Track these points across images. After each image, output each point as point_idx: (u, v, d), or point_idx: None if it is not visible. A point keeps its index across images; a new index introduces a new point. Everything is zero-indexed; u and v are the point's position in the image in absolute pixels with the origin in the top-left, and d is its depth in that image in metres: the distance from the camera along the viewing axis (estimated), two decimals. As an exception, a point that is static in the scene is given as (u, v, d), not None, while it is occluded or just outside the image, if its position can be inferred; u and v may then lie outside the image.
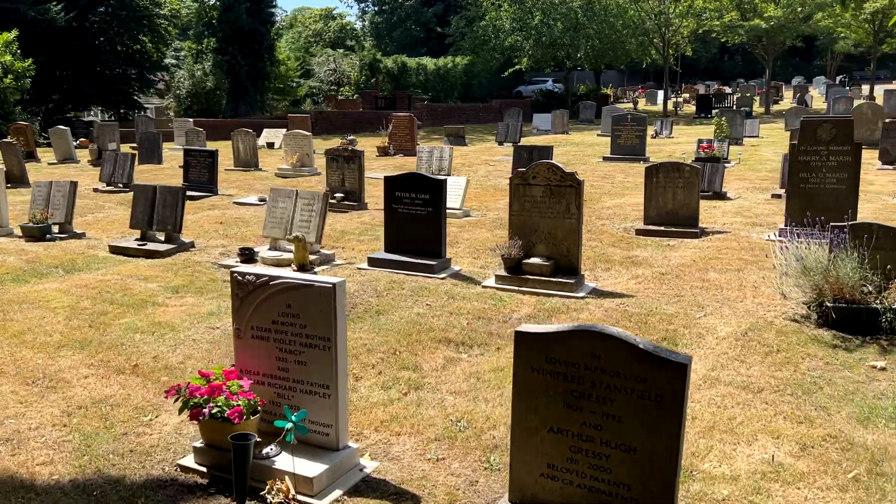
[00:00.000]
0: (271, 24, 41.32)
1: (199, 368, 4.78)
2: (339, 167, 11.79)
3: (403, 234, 7.51)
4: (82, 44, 38.00)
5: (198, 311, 6.17)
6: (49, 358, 5.15)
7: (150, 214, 8.76)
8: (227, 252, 8.43)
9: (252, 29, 38.74)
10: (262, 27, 39.65)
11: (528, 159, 13.80)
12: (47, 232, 9.29)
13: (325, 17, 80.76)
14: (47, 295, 6.66)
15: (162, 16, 44.14)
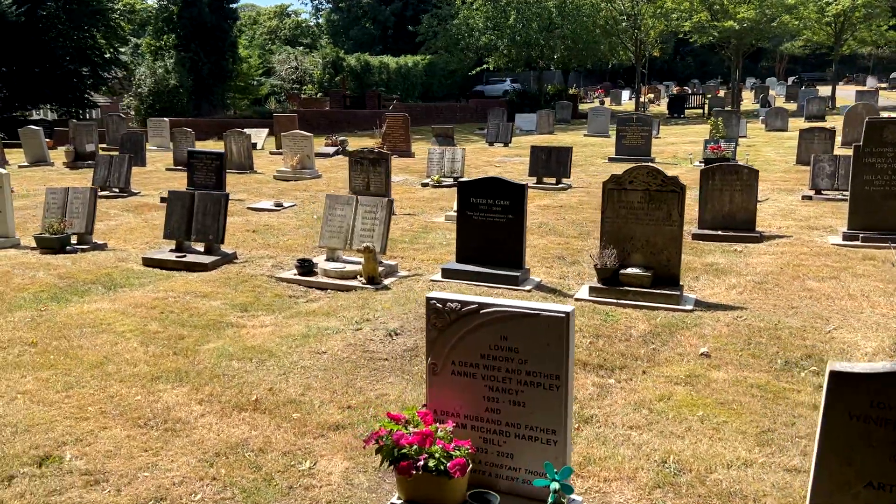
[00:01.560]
0: (234, 21, 40.09)
1: (324, 400, 4.30)
2: (364, 170, 11.22)
3: (479, 244, 7.05)
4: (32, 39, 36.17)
5: (286, 332, 5.60)
6: (148, 393, 4.53)
7: (188, 223, 8.08)
8: (280, 264, 7.82)
9: (214, 25, 37.50)
10: (224, 23, 38.42)
11: (546, 160, 13.52)
12: (66, 243, 8.50)
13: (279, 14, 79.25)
14: (104, 317, 5.98)
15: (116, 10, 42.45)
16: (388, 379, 4.74)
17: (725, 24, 31.54)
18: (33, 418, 4.18)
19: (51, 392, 4.55)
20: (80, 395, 4.51)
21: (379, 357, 5.05)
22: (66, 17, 39.27)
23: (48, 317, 6.01)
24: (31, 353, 5.21)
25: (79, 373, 4.84)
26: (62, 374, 4.83)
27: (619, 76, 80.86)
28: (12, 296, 6.59)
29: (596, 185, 13.38)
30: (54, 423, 4.12)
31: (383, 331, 5.46)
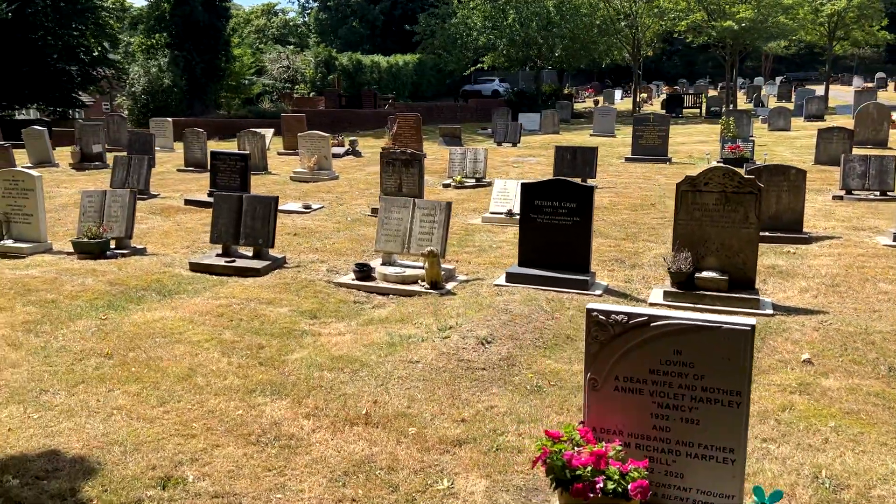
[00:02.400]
0: (227, 19, 39.62)
1: (434, 413, 4.17)
2: (396, 171, 11.03)
3: (543, 247, 6.90)
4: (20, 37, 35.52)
5: (368, 341, 5.42)
6: (249, 407, 4.34)
7: (236, 227, 7.86)
8: (334, 268, 7.63)
9: (208, 24, 37.06)
10: (217, 21, 37.99)
11: (571, 160, 13.41)
12: (106, 248, 8.24)
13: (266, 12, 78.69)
14: (172, 325, 5.77)
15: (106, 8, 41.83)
16: (490, 390, 4.59)
17: (724, 24, 31.62)
18: (138, 436, 3.98)
19: (146, 407, 4.34)
20: (178, 409, 4.31)
21: (476, 367, 4.89)
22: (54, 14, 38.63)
23: (113, 326, 5.79)
24: (110, 364, 4.99)
25: (168, 386, 4.64)
26: (151, 387, 4.62)
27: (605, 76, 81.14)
28: (67, 304, 6.35)
29: (623, 185, 13.31)
30: (162, 441, 3.92)
31: (473, 339, 5.30)
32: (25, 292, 6.59)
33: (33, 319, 5.93)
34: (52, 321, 5.90)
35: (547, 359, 5.05)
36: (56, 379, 4.77)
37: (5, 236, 8.79)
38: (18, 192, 8.78)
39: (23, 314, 6.03)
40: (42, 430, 4.07)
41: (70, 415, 4.25)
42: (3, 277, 7.05)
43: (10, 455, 3.77)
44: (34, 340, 5.48)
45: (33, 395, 4.53)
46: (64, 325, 5.83)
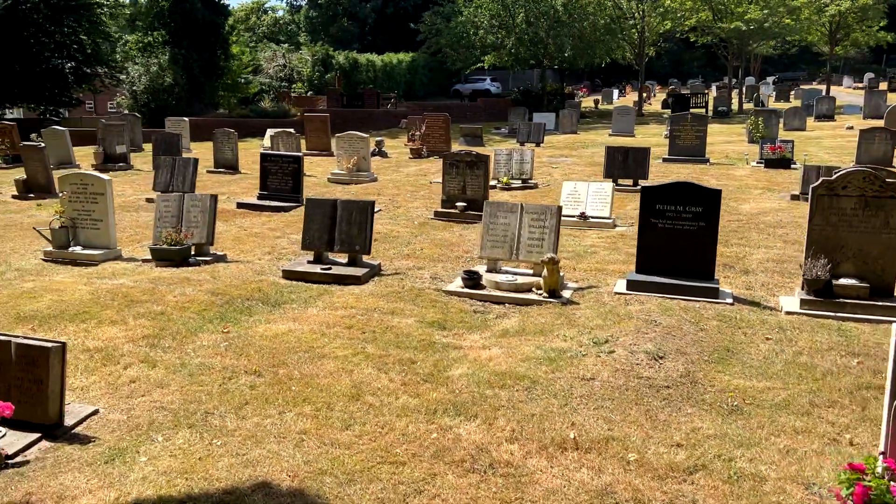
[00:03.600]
0: (226, 16, 39.03)
1: (643, 437, 3.92)
2: (460, 173, 10.77)
3: (666, 253, 6.68)
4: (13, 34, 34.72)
5: (522, 355, 5.15)
6: (441, 430, 4.07)
7: (330, 233, 7.55)
8: (436, 275, 7.35)
9: (207, 21, 36.50)
10: (217, 18, 37.43)
11: (623, 161, 13.22)
12: (187, 255, 7.89)
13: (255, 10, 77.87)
14: (303, 338, 5.46)
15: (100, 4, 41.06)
16: (685, 409, 4.35)
17: (731, 25, 31.66)
18: (343, 464, 3.70)
19: (332, 430, 4.05)
20: (368, 433, 4.03)
21: (658, 384, 4.65)
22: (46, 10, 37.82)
23: (242, 340, 5.47)
24: (265, 383, 4.69)
25: (341, 406, 4.35)
26: (324, 408, 4.33)
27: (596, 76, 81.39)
28: (178, 315, 6.02)
29: (675, 187, 13.10)
30: (373, 470, 3.64)
31: (642, 354, 5.06)
32: (129, 304, 6.24)
33: (152, 333, 5.60)
34: (173, 335, 5.58)
35: (723, 374, 4.83)
36: (215, 400, 4.46)
37: (72, 243, 8.42)
38: (87, 196, 8.40)
39: (138, 328, 5.70)
40: (236, 458, 3.77)
41: (256, 441, 3.95)
42: (99, 288, 6.68)
43: (222, 489, 3.47)
44: (166, 357, 5.16)
45: (200, 419, 4.23)
46: (187, 339, 5.51)
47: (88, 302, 6.25)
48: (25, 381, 4.19)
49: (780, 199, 11.73)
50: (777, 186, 12.89)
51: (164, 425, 4.17)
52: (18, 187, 13.02)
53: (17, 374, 4.20)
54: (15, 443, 4.02)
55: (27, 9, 36.20)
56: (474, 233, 9.49)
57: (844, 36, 38.29)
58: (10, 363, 4.21)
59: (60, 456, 3.88)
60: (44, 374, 4.15)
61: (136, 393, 4.60)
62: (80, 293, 6.49)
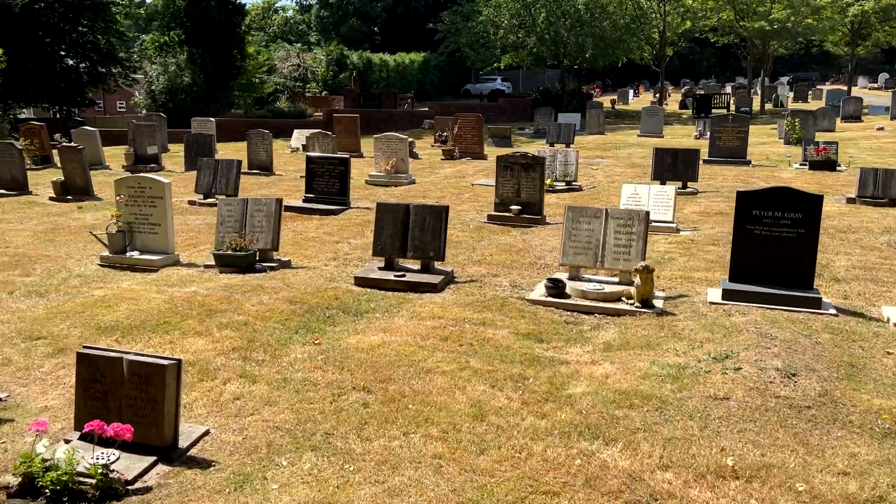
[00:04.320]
0: (242, 17, 38.82)
1: (802, 464, 3.69)
2: (515, 175, 10.51)
3: (762, 261, 6.41)
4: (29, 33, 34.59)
5: (640, 371, 4.89)
6: (583, 455, 3.80)
7: (403, 239, 7.30)
8: (515, 283, 7.09)
9: (223, 21, 36.32)
10: (233, 18, 37.24)
11: (672, 162, 12.96)
12: (253, 261, 7.65)
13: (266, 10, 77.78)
14: (402, 351, 5.21)
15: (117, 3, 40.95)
16: (834, 433, 4.08)
17: (755, 24, 31.36)
18: (493, 494, 3.44)
19: (467, 455, 3.80)
20: (506, 458, 3.77)
21: (799, 405, 4.38)
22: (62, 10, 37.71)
23: (337, 353, 5.22)
24: (377, 401, 4.44)
25: (468, 427, 4.09)
26: (450, 429, 4.08)
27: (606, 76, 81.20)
28: (261, 326, 5.77)
29: (727, 189, 12.84)
30: (527, 501, 3.38)
31: (772, 371, 4.79)
32: (209, 313, 5.99)
33: (241, 345, 5.35)
34: (264, 347, 5.33)
35: (859, 392, 4.56)
36: (331, 419, 4.21)
37: (128, 248, 8.18)
38: (145, 200, 8.16)
39: (225, 339, 5.45)
40: (377, 486, 3.51)
41: (391, 467, 3.69)
42: (174, 297, 6.43)
43: (376, 523, 3.22)
44: (263, 371, 4.91)
45: (321, 440, 3.97)
46: (279, 351, 5.26)
47: (166, 311, 6.01)
48: (139, 401, 3.94)
49: (837, 203, 11.45)
50: (829, 189, 12.61)
51: (284, 448, 3.92)
52: (56, 189, 12.80)
53: (129, 393, 3.96)
54: (131, 467, 3.77)
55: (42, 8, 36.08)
56: (537, 237, 9.25)
57: (866, 36, 37.93)
58: (122, 381, 3.97)
59: (184, 482, 3.63)
60: (159, 393, 3.90)
61: (244, 411, 4.35)
62: (155, 302, 6.25)
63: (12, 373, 4.93)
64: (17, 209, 11.57)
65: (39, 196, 12.95)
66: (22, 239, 9.16)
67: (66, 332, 5.54)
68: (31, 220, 10.51)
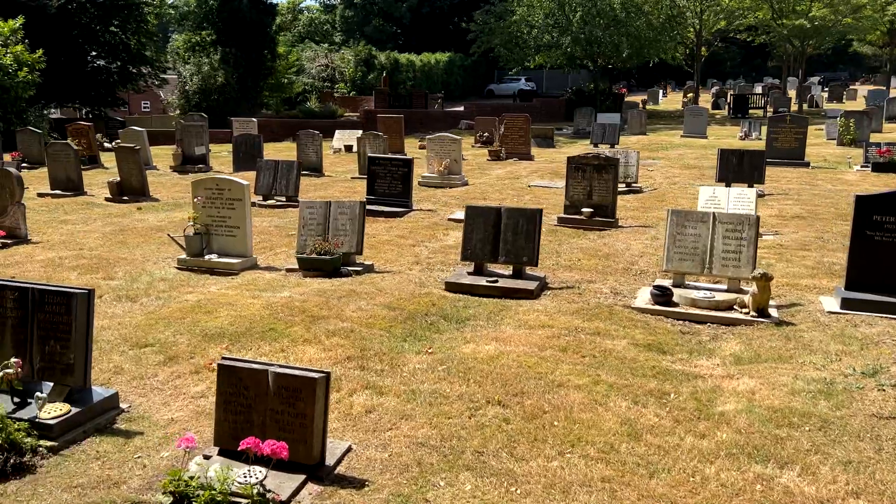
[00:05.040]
0: (273, 17, 38.83)
1: None
2: (587, 177, 10.25)
3: (884, 269, 6.12)
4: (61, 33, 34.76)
5: (783, 385, 4.63)
6: (762, 480, 3.55)
7: (494, 243, 7.08)
8: (615, 290, 6.84)
9: (254, 20, 36.34)
10: (264, 18, 37.27)
11: (738, 164, 12.64)
12: (338, 265, 7.46)
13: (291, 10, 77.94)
14: (524, 362, 4.98)
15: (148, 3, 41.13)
16: None
17: (795, 23, 30.85)
18: (683, 523, 3.21)
19: (638, 478, 3.56)
20: (680, 482, 3.53)
21: (972, 423, 4.11)
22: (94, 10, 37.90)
23: (456, 363, 5.00)
24: (518, 417, 4.22)
25: (626, 448, 3.86)
26: (608, 449, 3.84)
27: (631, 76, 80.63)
28: (367, 332, 5.57)
29: (795, 192, 12.51)
30: (723, 532, 3.15)
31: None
32: (312, 319, 5.81)
33: (354, 354, 5.15)
34: (378, 356, 5.13)
35: None
36: (476, 436, 4.00)
37: (204, 250, 8.03)
38: (223, 202, 8.00)
39: (336, 347, 5.25)
40: (555, 513, 3.29)
41: (561, 490, 3.47)
42: (271, 302, 6.25)
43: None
44: (386, 382, 4.70)
45: (473, 459, 3.76)
46: (396, 360, 5.05)
47: (268, 317, 5.83)
48: (286, 416, 3.74)
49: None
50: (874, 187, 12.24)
51: (436, 467, 3.71)
52: (111, 189, 12.72)
53: (275, 408, 3.76)
54: (282, 486, 3.57)
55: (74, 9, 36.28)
56: (617, 241, 8.99)
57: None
58: (267, 394, 3.77)
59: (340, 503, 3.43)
60: (308, 407, 3.70)
61: (380, 425, 4.15)
62: (254, 307, 6.07)
63: (127, 382, 4.76)
64: (78, 210, 11.49)
65: (95, 196, 12.87)
66: (93, 241, 9.04)
67: (173, 339, 5.37)
68: (95, 222, 10.41)
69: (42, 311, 4.32)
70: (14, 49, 23.65)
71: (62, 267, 7.59)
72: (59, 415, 4.10)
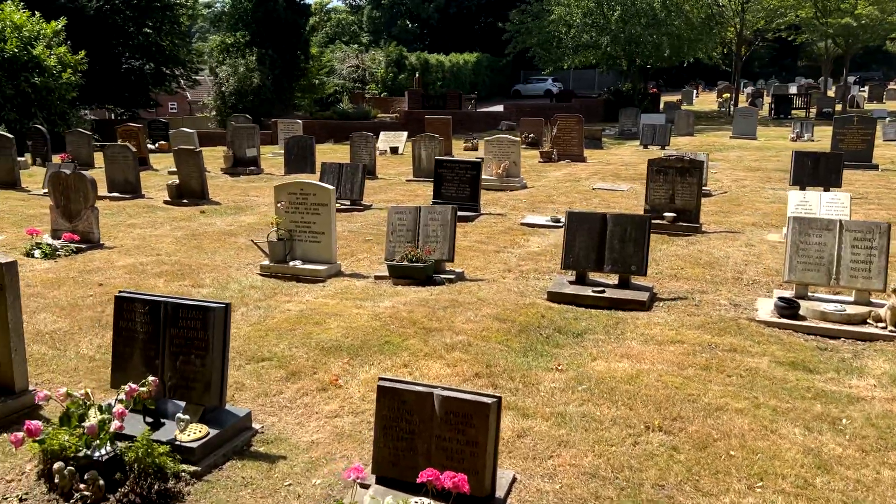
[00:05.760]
0: (307, 17, 38.75)
1: None
2: (669, 181, 9.90)
3: None
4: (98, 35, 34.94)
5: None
6: None
7: (599, 251, 6.76)
8: (734, 302, 6.49)
9: (289, 21, 36.24)
10: (299, 19, 37.19)
11: (814, 167, 12.21)
12: (431, 273, 7.19)
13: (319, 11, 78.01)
14: (663, 381, 4.65)
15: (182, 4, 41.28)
16: None
17: (841, 21, 30.16)
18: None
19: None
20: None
21: None
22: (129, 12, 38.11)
23: (593, 382, 4.69)
24: (685, 445, 3.90)
25: (823, 482, 3.52)
26: (802, 483, 3.51)
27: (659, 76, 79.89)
28: (486, 346, 5.28)
29: (875, 195, 12.05)
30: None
31: None
32: (425, 332, 5.52)
33: (480, 371, 4.85)
34: (506, 373, 4.83)
35: None
36: (648, 467, 3.68)
37: (287, 257, 7.79)
38: (307, 207, 7.76)
39: (459, 363, 4.96)
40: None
41: (772, 532, 3.15)
42: (377, 312, 5.98)
43: None
44: (526, 402, 4.40)
45: (655, 493, 3.44)
46: (527, 378, 4.75)
47: (380, 329, 5.55)
48: (454, 443, 3.45)
49: None
50: None
51: (618, 501, 3.40)
52: (170, 192, 12.56)
53: (442, 434, 3.47)
54: (457, 523, 3.28)
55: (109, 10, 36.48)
56: (712, 248, 8.62)
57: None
58: (433, 420, 3.48)
59: (529, 544, 3.13)
60: (480, 435, 3.41)
61: (538, 452, 3.85)
62: (361, 318, 5.81)
63: (252, 399, 4.51)
64: (141, 213, 11.32)
65: (153, 199, 12.71)
66: (168, 246, 8.84)
67: (290, 353, 5.11)
68: (163, 226, 10.23)
69: (175, 325, 4.07)
70: (58, 51, 23.71)
71: (146, 273, 7.39)
72: (199, 437, 3.85)
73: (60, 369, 4.96)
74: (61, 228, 9.05)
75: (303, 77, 38.29)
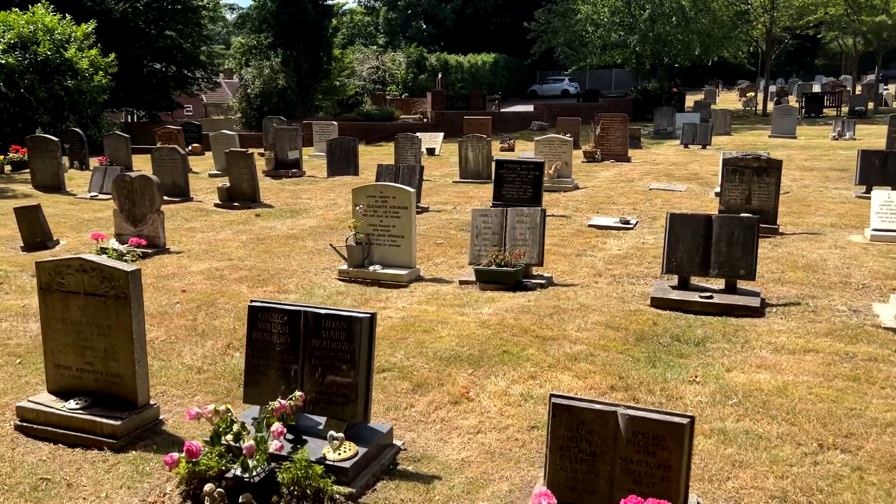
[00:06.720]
0: (331, 18, 38.61)
1: None
2: (745, 181, 9.59)
3: None
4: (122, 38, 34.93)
5: None
6: None
7: (704, 255, 6.48)
8: (853, 307, 6.19)
9: (315, 23, 36.11)
10: (323, 20, 37.05)
11: (881, 166, 11.84)
12: (520, 278, 6.92)
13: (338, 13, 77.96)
14: (817, 394, 4.37)
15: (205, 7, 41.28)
16: None
17: (875, 19, 29.69)
18: None
19: None
20: None
21: None
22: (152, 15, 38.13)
23: (741, 396, 4.42)
24: (868, 463, 3.62)
25: None
26: None
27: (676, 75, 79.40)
28: (607, 356, 5.01)
29: (947, 196, 11.67)
30: None
31: None
32: (540, 340, 5.27)
33: (614, 383, 4.59)
34: (642, 385, 4.56)
35: None
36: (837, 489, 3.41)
37: (366, 262, 7.55)
38: (387, 210, 7.52)
39: (588, 374, 4.70)
40: None
41: None
42: (483, 320, 5.72)
43: None
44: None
45: None
46: (666, 391, 4.48)
47: (493, 337, 5.30)
48: (643, 466, 3.18)
49: None
50: None
51: (822, 530, 3.13)
52: (221, 195, 12.36)
53: (628, 457, 3.20)
54: (655, 553, 3.01)
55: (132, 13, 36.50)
56: (801, 249, 8.32)
57: None
58: (617, 440, 3.22)
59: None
60: (673, 458, 3.14)
61: (714, 474, 3.58)
62: (469, 326, 5.55)
63: (383, 413, 4.26)
64: (196, 216, 11.13)
65: (203, 202, 12.52)
66: (236, 250, 8.62)
67: (409, 363, 4.86)
68: (223, 229, 10.02)
69: (317, 336, 3.83)
70: (89, 53, 23.62)
71: (226, 279, 7.16)
72: (350, 455, 3.60)
73: (171, 381, 4.73)
74: (125, 233, 8.84)
75: (325, 79, 38.15)
